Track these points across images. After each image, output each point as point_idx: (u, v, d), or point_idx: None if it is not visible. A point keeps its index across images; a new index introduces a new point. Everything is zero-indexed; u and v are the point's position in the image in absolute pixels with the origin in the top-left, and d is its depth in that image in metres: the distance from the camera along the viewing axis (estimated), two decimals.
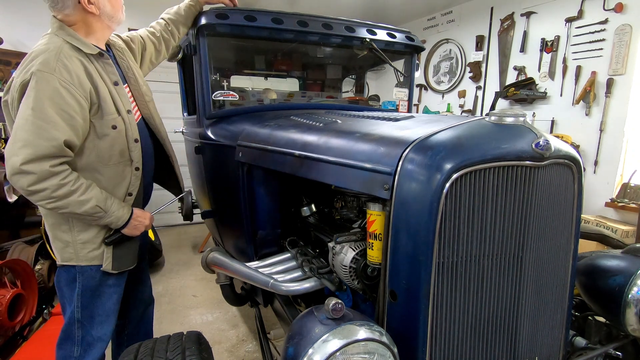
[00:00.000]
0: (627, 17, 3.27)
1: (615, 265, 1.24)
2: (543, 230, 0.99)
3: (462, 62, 4.88)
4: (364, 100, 2.81)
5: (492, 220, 0.91)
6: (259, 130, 1.66)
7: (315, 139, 1.30)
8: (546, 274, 1.04)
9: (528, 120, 0.97)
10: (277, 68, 2.75)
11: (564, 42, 3.72)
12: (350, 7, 4.95)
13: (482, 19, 4.54)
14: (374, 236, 1.01)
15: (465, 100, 4.87)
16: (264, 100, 2.53)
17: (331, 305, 0.86)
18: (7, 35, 3.96)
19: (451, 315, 0.92)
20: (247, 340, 2.55)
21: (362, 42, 2.16)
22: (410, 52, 2.47)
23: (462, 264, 0.90)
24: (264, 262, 1.50)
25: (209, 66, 1.96)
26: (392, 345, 0.86)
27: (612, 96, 3.39)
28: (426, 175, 0.86)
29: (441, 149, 0.87)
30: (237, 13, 1.89)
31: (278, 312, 1.61)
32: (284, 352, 0.88)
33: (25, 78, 1.20)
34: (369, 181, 0.99)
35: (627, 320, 1.18)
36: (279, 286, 1.23)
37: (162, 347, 1.00)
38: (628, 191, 3.31)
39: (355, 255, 1.14)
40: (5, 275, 2.47)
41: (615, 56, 3.34)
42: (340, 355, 0.81)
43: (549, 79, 3.87)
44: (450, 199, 0.86)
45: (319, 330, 0.84)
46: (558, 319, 1.11)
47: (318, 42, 2.18)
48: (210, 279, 3.55)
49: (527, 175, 0.91)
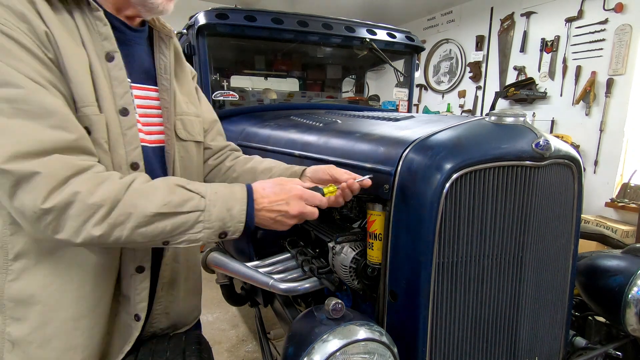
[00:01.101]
0: (627, 17, 3.28)
1: (615, 265, 1.24)
2: (543, 230, 0.99)
3: (462, 62, 4.88)
4: (364, 100, 2.81)
5: (492, 220, 0.91)
6: (259, 130, 1.66)
7: (315, 139, 1.30)
8: (546, 274, 1.04)
9: (528, 120, 0.97)
10: (277, 68, 2.75)
11: (564, 42, 3.72)
12: (350, 7, 4.95)
13: (482, 19, 4.54)
14: (374, 236, 1.01)
15: (465, 100, 4.88)
16: (264, 100, 2.53)
17: (331, 305, 0.86)
18: None
19: (451, 315, 0.92)
20: (247, 340, 2.55)
21: (362, 42, 2.16)
22: (410, 52, 2.47)
23: (462, 264, 0.90)
24: (263, 262, 1.50)
25: (209, 66, 1.96)
26: (392, 345, 0.86)
27: (612, 96, 3.39)
28: (426, 175, 0.86)
29: (441, 149, 0.87)
30: (237, 13, 1.89)
31: (278, 312, 1.61)
32: (284, 352, 0.88)
33: None
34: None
35: (627, 320, 1.18)
36: (278, 286, 1.23)
37: (162, 347, 1.00)
38: (628, 191, 3.31)
39: (355, 255, 1.14)
40: None
41: (615, 56, 3.34)
42: (340, 355, 0.81)
43: (549, 79, 3.87)
44: (450, 199, 0.86)
45: (319, 330, 0.84)
46: (558, 319, 1.11)
47: (318, 42, 2.18)
48: (210, 278, 3.54)
49: (527, 175, 0.91)
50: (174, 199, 0.71)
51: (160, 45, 0.97)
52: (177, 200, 0.72)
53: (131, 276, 0.88)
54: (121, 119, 0.81)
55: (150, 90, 0.93)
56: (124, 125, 0.81)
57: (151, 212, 0.69)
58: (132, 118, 0.83)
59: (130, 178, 0.72)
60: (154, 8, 0.85)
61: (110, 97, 0.79)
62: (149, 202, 0.69)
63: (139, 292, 0.89)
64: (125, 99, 0.82)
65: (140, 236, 0.70)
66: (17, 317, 0.79)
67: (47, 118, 0.65)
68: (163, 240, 0.73)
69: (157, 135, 0.94)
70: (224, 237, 0.78)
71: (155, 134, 0.93)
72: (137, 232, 0.69)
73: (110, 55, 0.80)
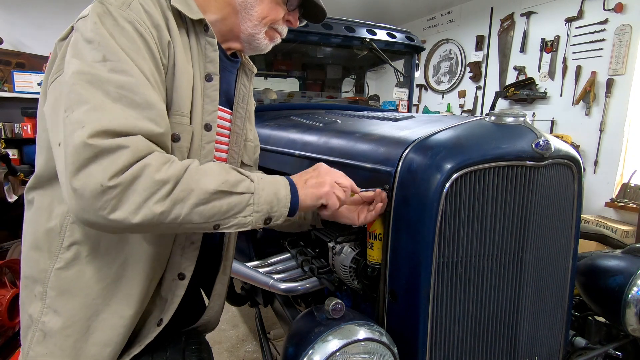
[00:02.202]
0: (627, 17, 3.28)
1: (615, 265, 1.24)
2: (543, 230, 0.99)
3: (462, 62, 4.88)
4: (364, 100, 2.81)
5: (492, 220, 0.91)
6: (259, 130, 1.66)
7: (315, 139, 1.30)
8: (546, 274, 1.04)
9: (528, 120, 0.97)
10: (277, 68, 2.74)
11: (564, 42, 3.72)
12: (350, 7, 4.96)
13: (482, 19, 4.54)
14: (374, 236, 1.01)
15: (465, 100, 4.88)
16: (263, 100, 2.53)
17: (331, 305, 0.86)
18: (7, 35, 3.96)
19: (451, 315, 0.92)
20: (247, 340, 2.55)
21: (362, 42, 2.16)
22: (410, 52, 2.47)
23: (462, 264, 0.90)
24: (264, 262, 1.50)
25: None
26: (392, 345, 0.86)
27: (612, 96, 3.40)
28: (426, 175, 0.86)
29: (441, 149, 0.87)
30: None
31: (278, 312, 1.61)
32: (284, 352, 0.88)
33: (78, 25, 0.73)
34: (369, 181, 0.99)
35: (627, 320, 1.18)
36: (278, 286, 1.23)
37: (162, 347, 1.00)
38: (628, 191, 3.31)
39: (355, 255, 1.14)
40: (5, 275, 2.47)
41: (615, 56, 3.35)
42: (340, 355, 0.81)
43: (549, 79, 3.87)
44: (450, 199, 0.86)
45: (319, 330, 0.84)
46: (558, 319, 1.11)
47: (318, 42, 2.18)
48: None
49: (527, 175, 0.91)
50: (230, 178, 0.74)
51: (243, 77, 1.07)
52: (232, 180, 0.74)
53: (172, 281, 0.92)
54: (204, 133, 0.88)
55: (226, 113, 1.03)
56: (204, 139, 0.88)
57: (212, 189, 0.71)
58: (213, 134, 0.90)
59: (188, 161, 0.74)
60: (257, 47, 0.96)
61: (200, 112, 0.87)
62: (210, 179, 0.72)
63: (174, 299, 0.92)
64: (212, 117, 0.90)
65: (198, 215, 0.71)
66: (56, 309, 0.80)
67: (145, 109, 0.70)
68: (216, 222, 0.75)
69: (222, 154, 1.03)
70: (269, 222, 0.80)
71: (221, 152, 1.02)
72: (196, 210, 0.71)
73: (210, 76, 0.89)
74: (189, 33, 0.85)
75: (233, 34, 0.94)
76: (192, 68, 0.85)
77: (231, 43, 0.97)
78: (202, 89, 0.87)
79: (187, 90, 0.82)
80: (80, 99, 0.66)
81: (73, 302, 0.80)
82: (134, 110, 0.69)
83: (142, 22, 0.74)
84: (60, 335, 0.80)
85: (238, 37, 0.95)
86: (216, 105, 0.90)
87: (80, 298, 0.80)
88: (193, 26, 0.86)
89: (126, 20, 0.73)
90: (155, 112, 0.71)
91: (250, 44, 0.95)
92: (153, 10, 0.77)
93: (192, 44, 0.86)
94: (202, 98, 0.87)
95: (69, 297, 0.80)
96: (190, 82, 0.83)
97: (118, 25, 0.72)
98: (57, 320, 0.79)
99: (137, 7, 0.75)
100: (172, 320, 0.95)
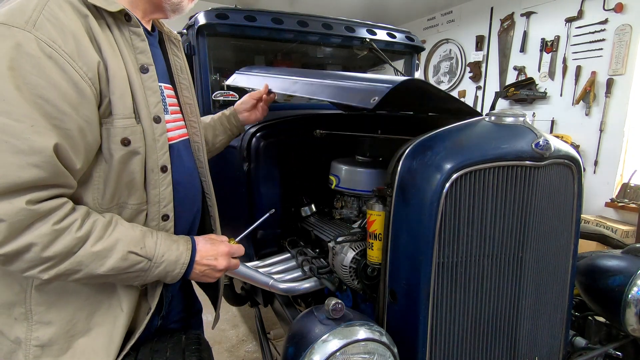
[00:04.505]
0: (627, 17, 3.27)
1: (615, 265, 1.24)
2: (543, 230, 0.99)
3: (462, 62, 4.88)
4: None
5: (492, 220, 0.91)
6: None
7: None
8: (546, 274, 1.04)
9: (528, 120, 0.97)
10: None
11: (564, 42, 3.72)
12: (350, 7, 4.95)
13: (482, 19, 4.54)
14: (374, 236, 1.01)
15: (465, 100, 4.88)
16: None
17: (331, 305, 0.86)
18: None
19: (451, 315, 0.92)
20: (247, 340, 2.55)
21: (362, 42, 2.16)
22: (410, 52, 2.47)
23: (462, 264, 0.91)
24: (264, 262, 1.50)
25: (208, 66, 1.96)
26: (392, 345, 0.86)
27: (612, 96, 3.39)
28: (426, 175, 0.86)
29: (441, 149, 0.87)
30: (237, 13, 1.90)
31: (278, 312, 1.61)
32: (284, 352, 0.88)
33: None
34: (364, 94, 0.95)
35: (627, 320, 1.18)
36: (278, 286, 1.24)
37: (162, 347, 1.00)
38: (628, 191, 3.31)
39: (355, 255, 1.14)
40: None
41: (615, 56, 3.34)
42: (340, 355, 0.81)
43: (549, 79, 3.87)
44: (450, 199, 0.86)
45: (319, 330, 0.84)
46: (558, 319, 1.11)
47: (318, 42, 2.18)
48: None
49: (527, 175, 0.91)
50: (122, 265, 0.76)
51: (172, 47, 1.03)
52: (125, 266, 0.76)
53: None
54: (154, 126, 0.85)
55: (169, 89, 0.98)
56: (156, 132, 0.85)
57: (99, 273, 0.74)
58: (163, 125, 0.87)
59: (88, 227, 0.73)
60: (181, 10, 0.93)
61: (145, 106, 0.83)
62: (100, 266, 0.73)
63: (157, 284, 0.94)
64: (158, 108, 0.86)
65: (82, 282, 0.80)
66: (49, 321, 0.80)
67: (30, 155, 0.64)
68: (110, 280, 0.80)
69: (178, 131, 0.99)
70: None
71: (176, 130, 0.98)
72: (81, 281, 0.78)
73: (145, 67, 0.84)
74: (110, 27, 0.79)
75: (154, 6, 0.91)
76: (124, 63, 0.79)
77: (154, 14, 0.94)
78: (141, 82, 0.82)
79: (125, 88, 0.78)
80: None
81: (67, 309, 0.81)
82: (16, 157, 0.63)
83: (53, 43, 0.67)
84: (63, 339, 0.81)
85: (160, 7, 0.91)
86: (159, 95, 0.87)
87: (72, 303, 0.81)
88: (113, 18, 0.80)
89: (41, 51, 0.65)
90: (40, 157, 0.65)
91: (174, 10, 0.93)
92: (63, 17, 0.69)
93: (117, 37, 0.80)
94: (143, 91, 0.83)
95: (62, 305, 0.81)
96: (125, 79, 0.78)
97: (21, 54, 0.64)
98: (51, 329, 0.80)
99: (43, 26, 0.66)
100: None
